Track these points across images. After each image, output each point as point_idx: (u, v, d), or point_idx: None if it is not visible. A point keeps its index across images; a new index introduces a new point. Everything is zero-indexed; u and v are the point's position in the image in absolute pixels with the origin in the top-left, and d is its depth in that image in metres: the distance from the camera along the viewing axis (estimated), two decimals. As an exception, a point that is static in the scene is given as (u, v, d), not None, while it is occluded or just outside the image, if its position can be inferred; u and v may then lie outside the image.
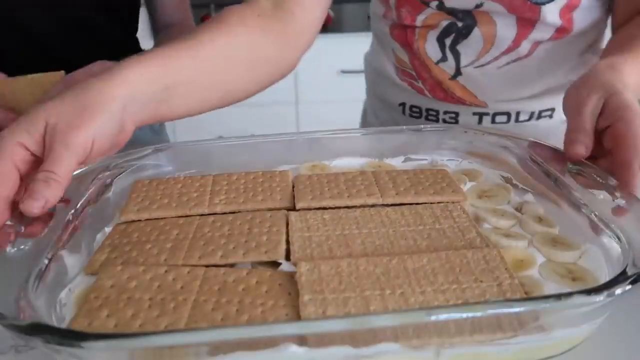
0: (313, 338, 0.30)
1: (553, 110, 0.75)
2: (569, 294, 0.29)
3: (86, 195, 0.45)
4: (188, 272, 0.37)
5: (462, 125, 0.75)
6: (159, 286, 0.35)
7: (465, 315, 0.28)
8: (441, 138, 0.57)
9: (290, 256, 0.38)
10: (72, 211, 0.42)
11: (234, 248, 0.39)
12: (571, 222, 0.43)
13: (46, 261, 0.36)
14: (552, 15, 0.67)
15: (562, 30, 0.69)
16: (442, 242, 0.40)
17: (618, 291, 0.30)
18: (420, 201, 0.45)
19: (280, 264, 0.39)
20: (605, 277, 0.36)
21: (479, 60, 0.72)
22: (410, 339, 0.31)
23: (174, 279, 0.36)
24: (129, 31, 0.81)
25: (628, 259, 0.34)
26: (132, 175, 0.51)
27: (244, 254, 0.39)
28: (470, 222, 0.42)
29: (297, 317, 0.32)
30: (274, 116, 2.07)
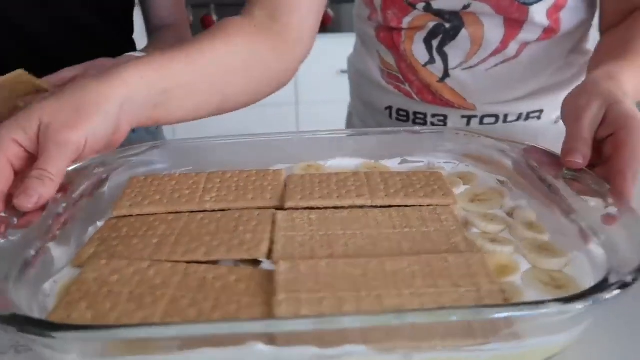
0: (280, 337, 0.30)
1: (541, 111, 0.74)
2: (538, 303, 0.29)
3: (80, 189, 0.46)
4: (170, 268, 0.37)
5: (459, 127, 0.74)
6: (139, 281, 0.36)
7: (429, 320, 0.28)
8: (438, 140, 0.56)
9: (272, 255, 0.39)
10: (64, 204, 0.43)
11: (217, 245, 0.40)
12: (562, 229, 0.42)
13: (33, 252, 0.37)
14: (540, 15, 0.67)
15: (550, 31, 0.69)
16: (426, 245, 0.40)
17: (592, 301, 0.29)
18: (410, 203, 0.45)
19: (262, 262, 0.39)
20: (588, 286, 0.35)
21: (467, 62, 0.72)
22: (379, 342, 0.31)
23: (155, 274, 0.37)
24: (125, 32, 0.82)
25: (611, 268, 0.33)
26: (128, 172, 0.52)
27: (226, 251, 0.39)
28: (458, 226, 0.42)
29: (271, 315, 0.32)
30: (274, 116, 2.07)
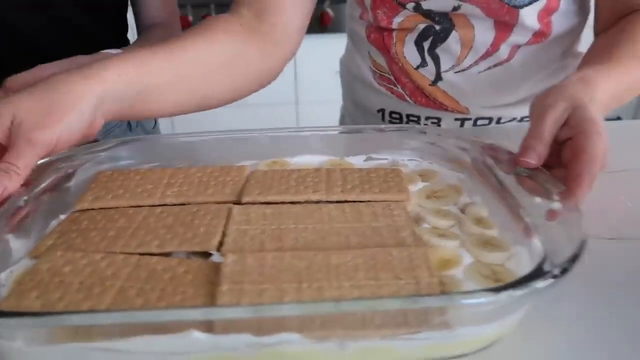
0: (218, 325, 0.31)
1: None
2: (458, 293, 0.30)
3: (44, 183, 0.47)
4: (122, 260, 0.38)
5: (421, 126, 0.75)
6: (91, 272, 0.37)
7: (354, 308, 0.29)
8: (403, 138, 0.57)
9: (222, 248, 0.40)
10: (26, 198, 0.44)
11: (171, 238, 0.41)
12: (510, 225, 0.43)
13: (-11, 243, 0.38)
14: (530, 18, 0.67)
15: (540, 34, 0.69)
16: (374, 239, 0.41)
17: (508, 293, 0.30)
18: (364, 199, 0.46)
19: (213, 254, 0.40)
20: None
21: (459, 65, 0.72)
22: (313, 330, 0.32)
23: (107, 266, 0.38)
24: (119, 31, 0.83)
25: (544, 261, 0.34)
26: (96, 167, 0.53)
27: (178, 244, 0.40)
28: (408, 221, 0.43)
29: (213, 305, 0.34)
30: (273, 116, 2.09)
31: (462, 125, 0.77)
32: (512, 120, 0.78)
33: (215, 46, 0.58)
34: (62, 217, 0.46)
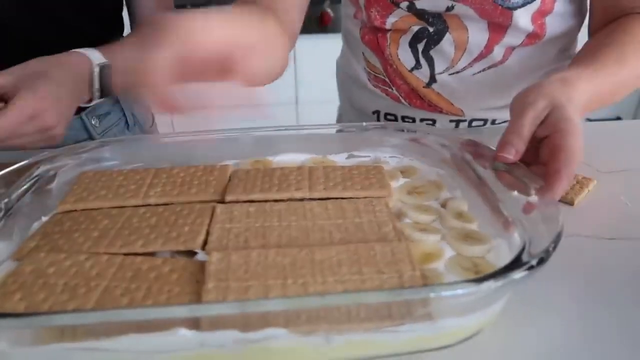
0: (204, 322, 0.31)
1: None
2: (440, 285, 0.30)
3: (26, 185, 0.47)
4: (106, 260, 0.39)
5: (400, 123, 0.76)
6: (75, 272, 0.37)
7: (338, 302, 0.30)
8: (384, 136, 0.58)
9: (206, 246, 0.40)
10: (6, 200, 0.44)
11: (155, 237, 0.41)
12: (489, 219, 0.44)
13: (-29, 247, 0.38)
14: (524, 20, 0.67)
15: (534, 36, 0.69)
16: (357, 235, 0.41)
17: (489, 284, 0.31)
18: (347, 196, 0.47)
19: (198, 253, 0.40)
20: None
21: (453, 67, 0.73)
22: (299, 325, 0.32)
23: (91, 266, 0.38)
24: (115, 31, 0.82)
25: (522, 253, 0.35)
26: (78, 168, 0.53)
27: (163, 243, 0.40)
28: (390, 216, 0.44)
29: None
30: (274, 115, 2.08)
31: (457, 126, 0.78)
32: (506, 122, 0.79)
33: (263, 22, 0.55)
34: (45, 219, 0.46)
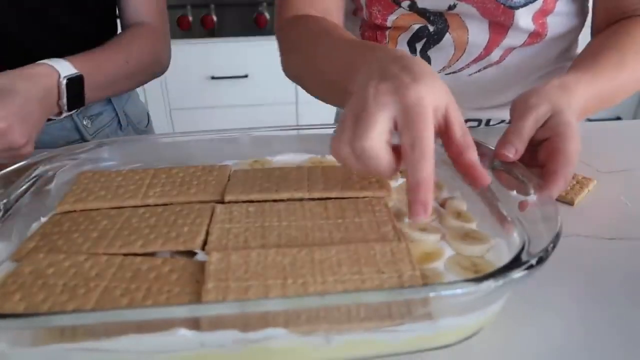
0: (203, 322, 0.31)
1: None
2: (440, 285, 0.30)
3: (25, 185, 0.47)
4: (106, 260, 0.38)
5: None
6: (74, 273, 0.37)
7: (338, 302, 0.30)
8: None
9: (206, 246, 0.40)
10: (5, 201, 0.44)
11: (154, 238, 0.41)
12: (488, 218, 0.44)
13: (-30, 247, 0.38)
14: (526, 20, 0.67)
15: (536, 35, 0.69)
16: (356, 235, 0.41)
17: (488, 284, 0.31)
18: (346, 196, 0.47)
19: (198, 253, 0.40)
20: (505, 270, 0.37)
21: (450, 67, 0.73)
22: (299, 325, 0.32)
23: (90, 267, 0.38)
24: (108, 31, 0.81)
25: (522, 252, 0.35)
26: (76, 169, 0.52)
27: (162, 244, 0.40)
28: (389, 216, 0.44)
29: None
30: (274, 116, 2.08)
31: None
32: (501, 123, 0.79)
33: None
34: (44, 220, 0.46)
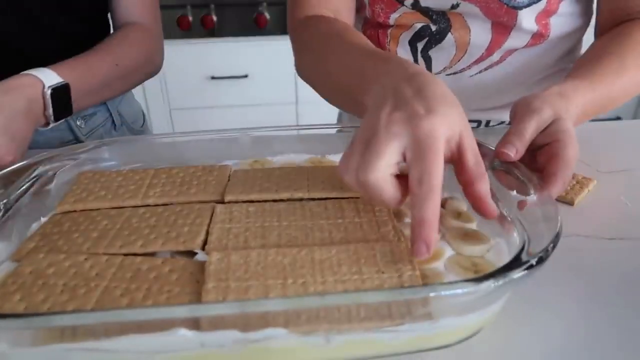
0: (203, 322, 0.31)
1: None
2: (440, 285, 0.30)
3: (24, 186, 0.47)
4: (106, 260, 0.38)
5: None
6: (74, 273, 0.37)
7: (339, 302, 0.30)
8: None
9: (206, 246, 0.40)
10: (5, 201, 0.44)
11: (155, 238, 0.41)
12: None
13: (-30, 248, 0.38)
14: (529, 20, 0.67)
15: (539, 36, 0.69)
16: (356, 235, 0.41)
17: (488, 284, 0.31)
18: (346, 196, 0.47)
19: (198, 253, 0.40)
20: (505, 270, 0.37)
21: (451, 68, 0.72)
22: (299, 325, 0.32)
23: (90, 267, 0.38)
24: (100, 31, 0.81)
25: (522, 252, 0.35)
26: (76, 169, 0.52)
27: (162, 244, 0.40)
28: (390, 216, 0.44)
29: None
30: (274, 116, 2.08)
31: None
32: (501, 124, 0.79)
33: None
34: (44, 220, 0.46)
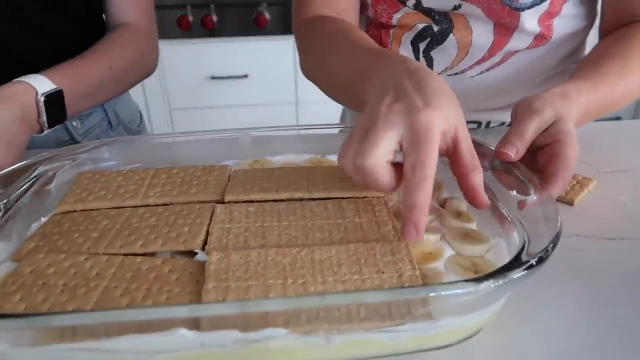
0: (203, 322, 0.31)
1: None
2: (440, 285, 0.30)
3: (24, 186, 0.47)
4: (106, 260, 0.38)
5: None
6: (74, 273, 0.37)
7: (339, 302, 0.30)
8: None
9: (206, 246, 0.40)
10: (5, 201, 0.44)
11: (155, 238, 0.41)
12: (489, 218, 0.44)
13: (-30, 248, 0.38)
14: (531, 22, 0.67)
15: (541, 37, 0.69)
16: (356, 235, 0.41)
17: (488, 284, 0.31)
18: (346, 196, 0.47)
19: (198, 253, 0.40)
20: (505, 270, 0.37)
21: (452, 68, 0.73)
22: (299, 325, 0.32)
23: (90, 267, 0.38)
24: (93, 31, 0.81)
25: (522, 252, 0.35)
26: (77, 169, 0.52)
27: (162, 244, 0.40)
28: (390, 216, 0.44)
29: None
30: (273, 116, 2.09)
31: None
32: (501, 125, 0.79)
33: None
34: (44, 220, 0.46)
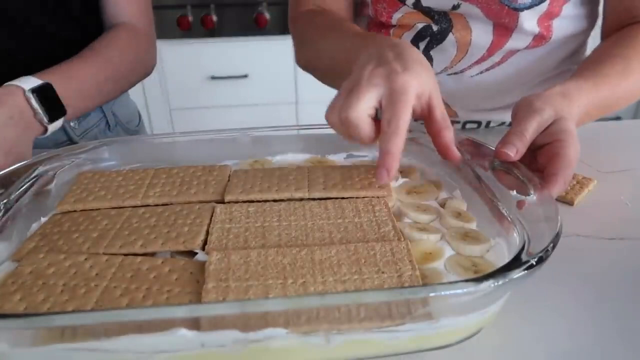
0: (203, 322, 0.31)
1: None
2: (440, 285, 0.30)
3: (24, 186, 0.47)
4: (106, 260, 0.38)
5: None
6: (74, 273, 0.37)
7: (339, 302, 0.30)
8: (383, 135, 0.58)
9: (206, 246, 0.40)
10: (5, 201, 0.44)
11: (155, 238, 0.41)
12: (488, 218, 0.44)
13: (-30, 248, 0.38)
14: (530, 22, 0.67)
15: (540, 38, 0.69)
16: (356, 235, 0.41)
17: (488, 284, 0.31)
18: (346, 196, 0.47)
19: (198, 253, 0.40)
20: (505, 270, 0.37)
21: (452, 68, 0.73)
22: (299, 325, 0.32)
23: (90, 267, 0.38)
24: (91, 32, 0.80)
25: (522, 252, 0.35)
26: (77, 169, 0.53)
27: (162, 244, 0.40)
28: (390, 216, 0.44)
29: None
30: (274, 116, 2.08)
31: None
32: (501, 125, 0.79)
33: None
34: (44, 220, 0.46)
